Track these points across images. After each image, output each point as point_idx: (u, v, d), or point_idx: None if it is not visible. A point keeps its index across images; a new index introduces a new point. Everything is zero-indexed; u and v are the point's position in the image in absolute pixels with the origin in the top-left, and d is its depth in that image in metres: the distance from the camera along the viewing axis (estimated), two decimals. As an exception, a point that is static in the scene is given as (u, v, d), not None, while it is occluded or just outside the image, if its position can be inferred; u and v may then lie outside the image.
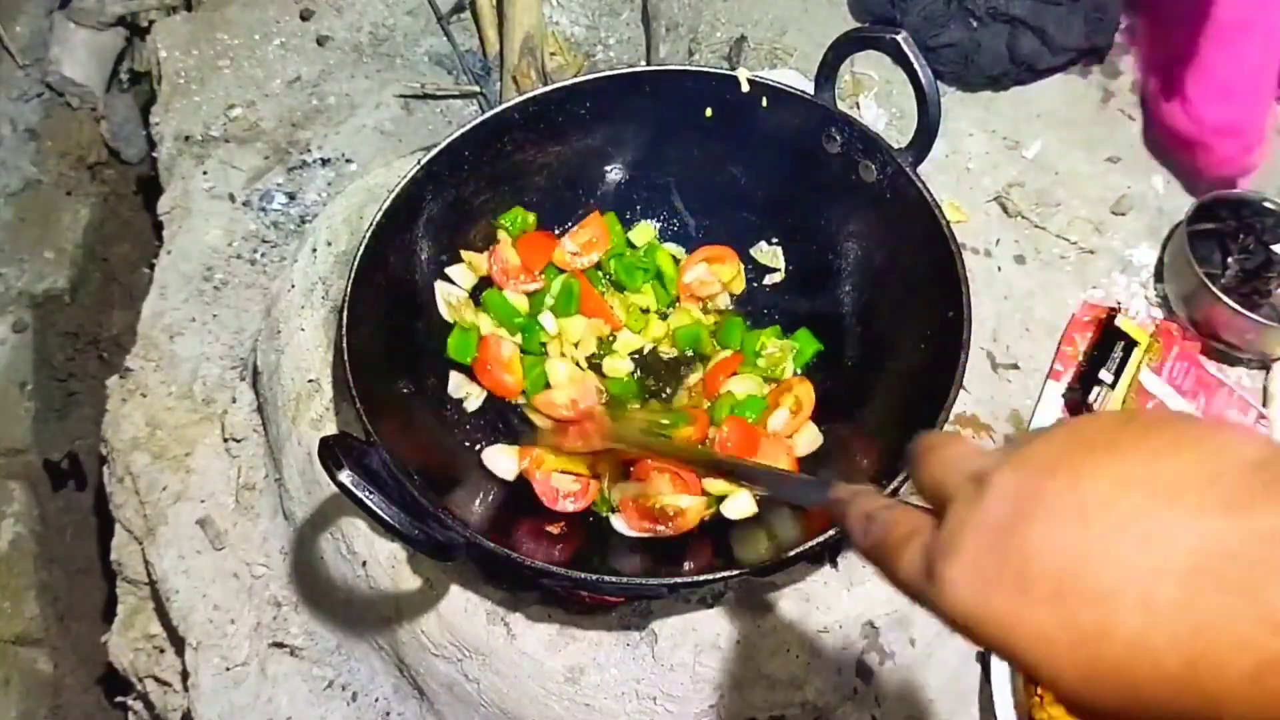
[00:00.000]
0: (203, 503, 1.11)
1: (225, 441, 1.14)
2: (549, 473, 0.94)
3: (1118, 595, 0.34)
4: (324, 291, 1.09)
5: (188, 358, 1.22)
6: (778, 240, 1.13)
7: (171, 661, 1.12)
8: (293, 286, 1.11)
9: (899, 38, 0.91)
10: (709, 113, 1.06)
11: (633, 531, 0.91)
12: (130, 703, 1.18)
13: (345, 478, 0.71)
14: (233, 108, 1.43)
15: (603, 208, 1.12)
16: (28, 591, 1.39)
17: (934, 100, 0.94)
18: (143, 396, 1.19)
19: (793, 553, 0.80)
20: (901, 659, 0.95)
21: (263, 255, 1.30)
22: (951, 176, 1.33)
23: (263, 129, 1.41)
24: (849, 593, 0.94)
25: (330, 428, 1.02)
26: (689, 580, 0.81)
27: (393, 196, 0.96)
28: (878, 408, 0.96)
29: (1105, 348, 1.16)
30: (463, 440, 0.99)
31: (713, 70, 1.05)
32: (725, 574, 0.81)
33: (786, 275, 1.12)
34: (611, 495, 0.94)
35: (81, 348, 1.59)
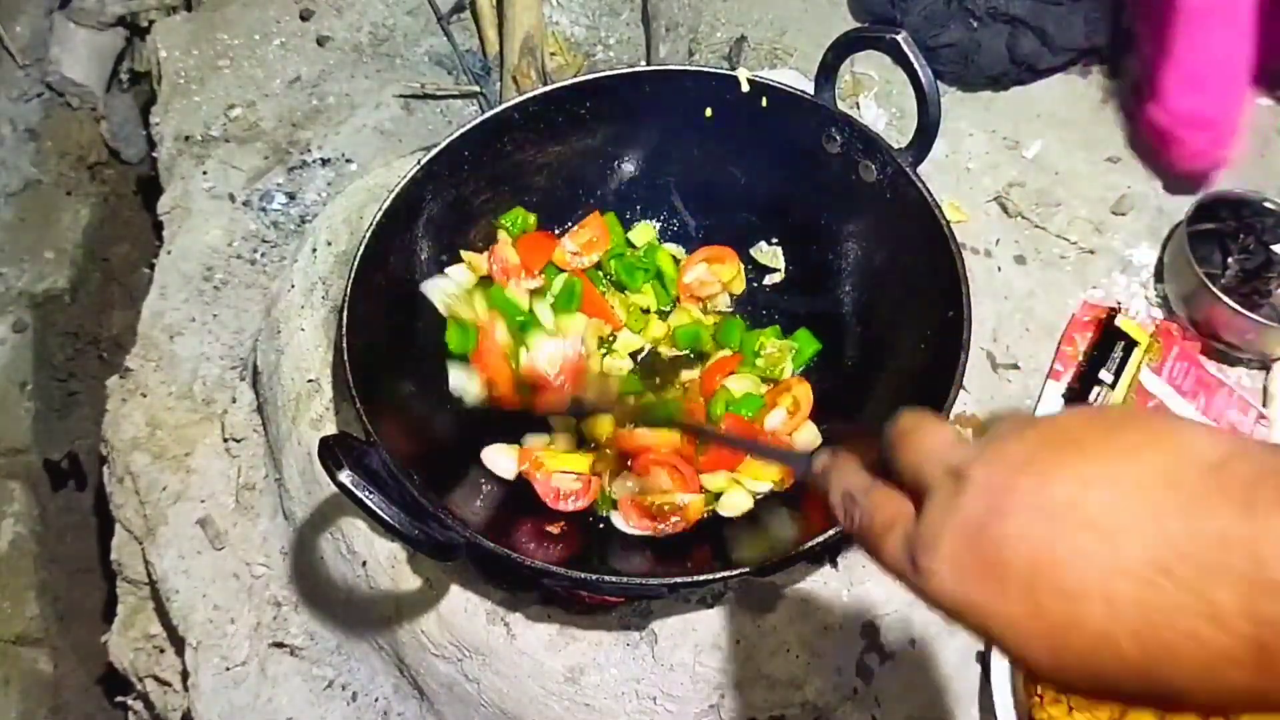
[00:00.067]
0: (203, 503, 1.11)
1: (225, 441, 1.14)
2: (550, 472, 0.94)
3: (1083, 591, 0.38)
4: (324, 291, 1.09)
5: (188, 358, 1.22)
6: (778, 240, 1.13)
7: (171, 661, 1.12)
8: (293, 286, 1.11)
9: (899, 38, 0.91)
10: (709, 113, 1.06)
11: (632, 529, 0.91)
12: (130, 703, 1.18)
13: (345, 478, 0.71)
14: (233, 108, 1.43)
15: (603, 208, 1.12)
16: (28, 591, 1.39)
17: (934, 100, 0.94)
18: (143, 396, 1.19)
19: (793, 553, 0.80)
20: (901, 659, 0.95)
21: (263, 255, 1.30)
22: (951, 176, 1.33)
23: (263, 129, 1.41)
24: (849, 593, 0.94)
25: (330, 428, 1.02)
26: (689, 580, 0.81)
27: (393, 196, 0.96)
28: (877, 408, 0.96)
29: (1105, 348, 1.16)
30: (463, 440, 0.99)
31: (713, 70, 1.05)
32: (725, 574, 0.81)
33: (786, 275, 1.12)
34: (612, 491, 0.94)
35: (81, 348, 1.59)
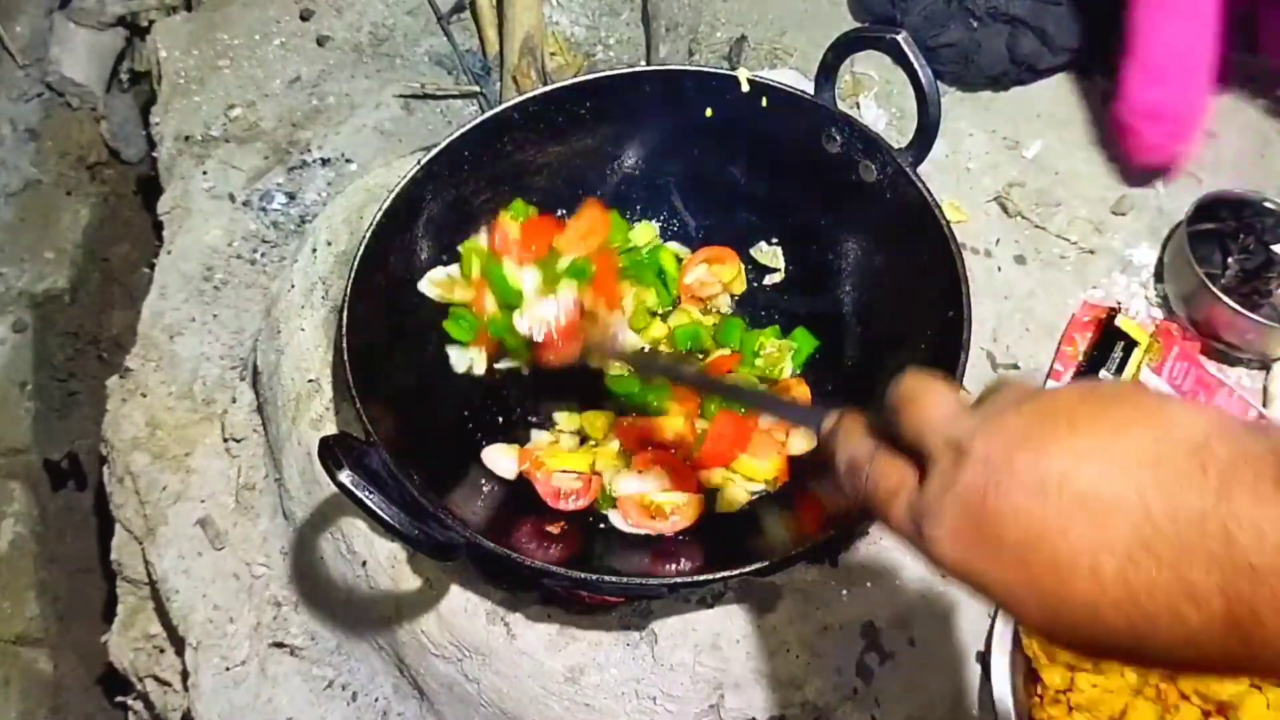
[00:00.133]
0: (203, 503, 1.11)
1: (225, 441, 1.14)
2: (550, 472, 0.94)
3: (1071, 564, 0.40)
4: (324, 291, 1.09)
5: (188, 358, 1.22)
6: (778, 240, 1.13)
7: (171, 661, 1.12)
8: (293, 286, 1.11)
9: (899, 38, 0.91)
10: (709, 113, 1.06)
11: (630, 527, 0.91)
12: (130, 703, 1.18)
13: (345, 478, 0.71)
14: (233, 108, 1.43)
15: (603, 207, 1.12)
16: (28, 591, 1.39)
17: (934, 100, 0.94)
18: (143, 396, 1.19)
19: (793, 553, 0.80)
20: (901, 659, 0.95)
21: (263, 255, 1.30)
22: (951, 176, 1.33)
23: (263, 129, 1.41)
24: (849, 593, 0.94)
25: (330, 428, 1.02)
26: (689, 580, 0.81)
27: (393, 196, 0.96)
28: (878, 408, 0.96)
29: (1105, 348, 1.16)
30: (463, 440, 0.99)
31: (713, 70, 1.05)
32: (725, 574, 0.81)
33: (786, 275, 1.12)
34: (612, 488, 0.94)
35: (81, 348, 1.59)
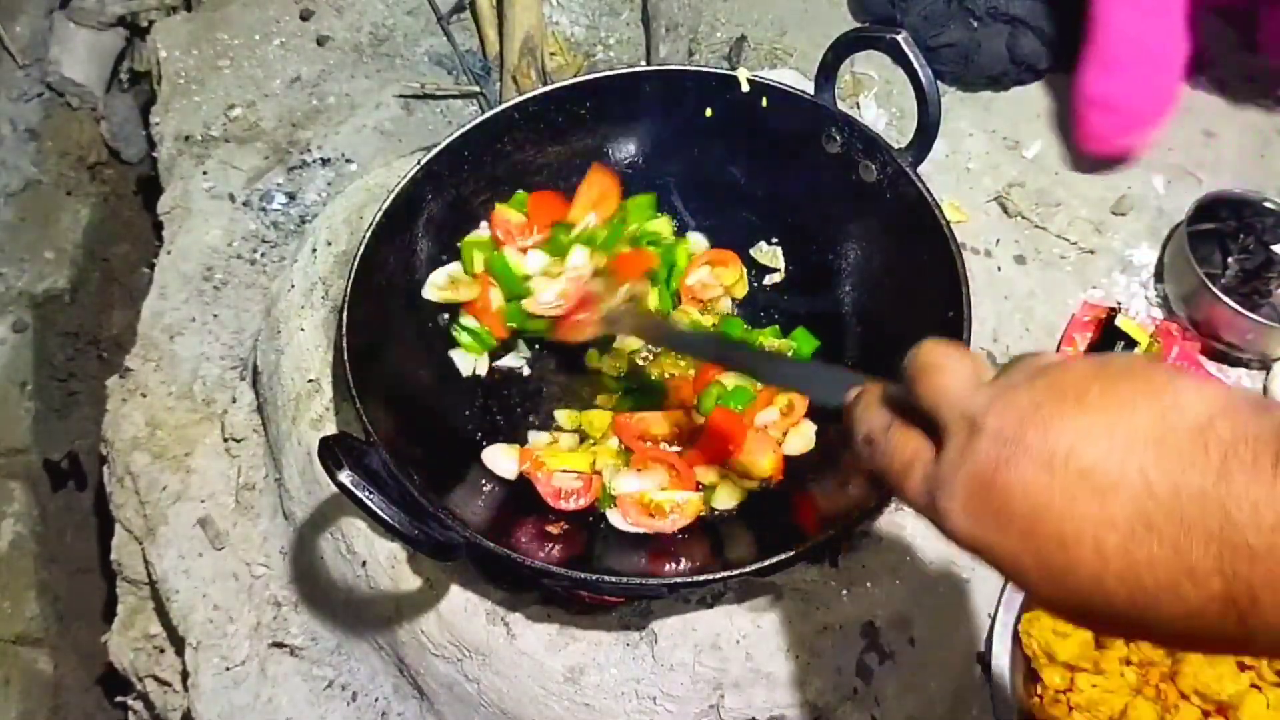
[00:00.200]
0: (203, 503, 1.11)
1: (225, 441, 1.14)
2: (551, 472, 0.94)
3: (1076, 539, 0.41)
4: (324, 291, 1.09)
5: (188, 358, 1.22)
6: (778, 240, 1.13)
7: (171, 661, 1.12)
8: (293, 286, 1.11)
9: (899, 38, 0.92)
10: (709, 113, 1.06)
11: (630, 526, 0.91)
12: (130, 703, 1.18)
13: (345, 478, 0.71)
14: (233, 108, 1.43)
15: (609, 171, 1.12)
16: (28, 591, 1.39)
17: (934, 100, 0.94)
18: (143, 396, 1.19)
19: (793, 553, 0.80)
20: (901, 659, 0.95)
21: (263, 255, 1.30)
22: (951, 176, 1.33)
23: (263, 129, 1.41)
24: (849, 593, 0.94)
25: (330, 428, 1.02)
26: (689, 580, 0.81)
27: (393, 196, 0.96)
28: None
29: (1105, 347, 1.16)
30: (463, 440, 0.99)
31: (713, 70, 1.05)
32: (725, 574, 0.81)
33: (786, 275, 1.12)
34: (611, 486, 0.94)
35: (81, 348, 1.58)
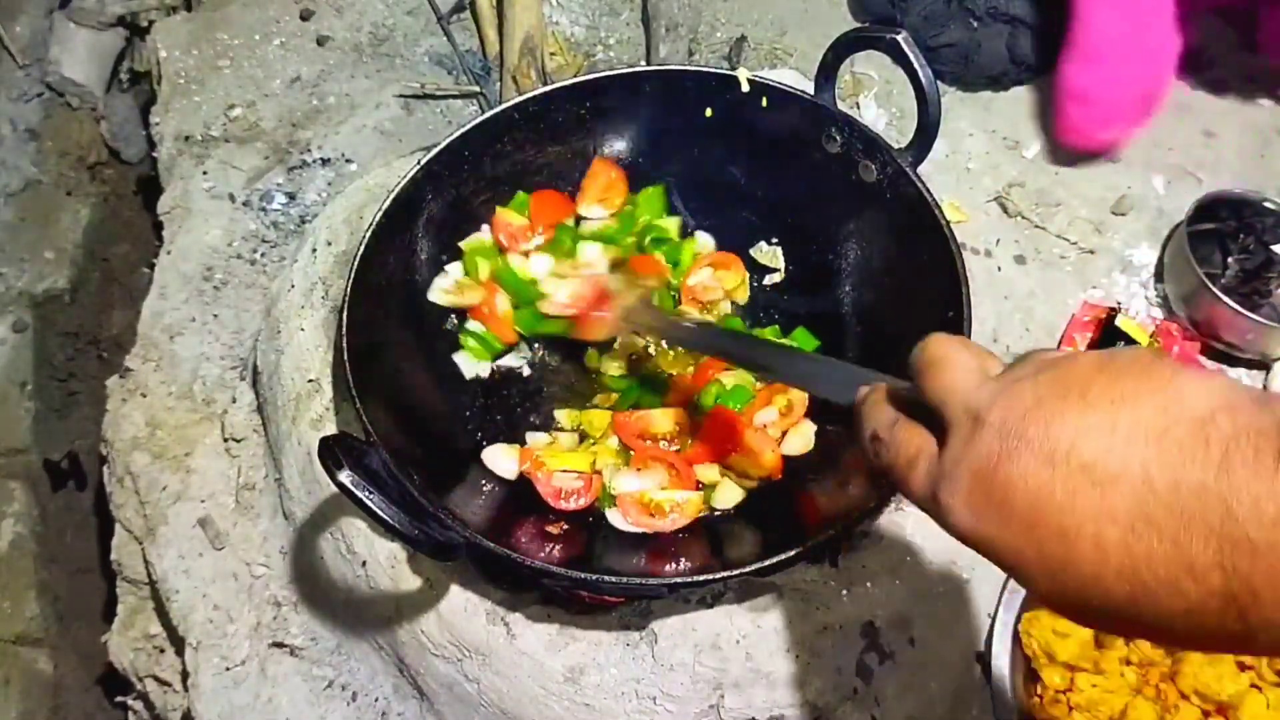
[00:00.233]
0: (203, 503, 1.11)
1: (225, 441, 1.14)
2: (551, 472, 0.94)
3: (1076, 534, 0.40)
4: (324, 291, 1.09)
5: (188, 358, 1.22)
6: (778, 240, 1.13)
7: (171, 661, 1.12)
8: (293, 286, 1.11)
9: (899, 38, 0.92)
10: (709, 113, 1.06)
11: (629, 526, 0.91)
12: (130, 703, 1.18)
13: (345, 478, 0.71)
14: (233, 108, 1.43)
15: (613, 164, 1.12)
16: (28, 591, 1.39)
17: (934, 100, 0.94)
18: (143, 396, 1.19)
19: (793, 553, 0.80)
20: (901, 659, 0.95)
21: (263, 255, 1.30)
22: (951, 176, 1.33)
23: (263, 129, 1.41)
24: (849, 593, 0.94)
25: (330, 428, 1.02)
26: (689, 580, 0.81)
27: (393, 196, 0.96)
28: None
29: (1106, 347, 1.16)
30: (463, 440, 0.99)
31: (713, 70, 1.05)
32: (725, 574, 0.81)
33: (786, 275, 1.12)
34: (611, 485, 0.94)
35: (81, 348, 1.58)
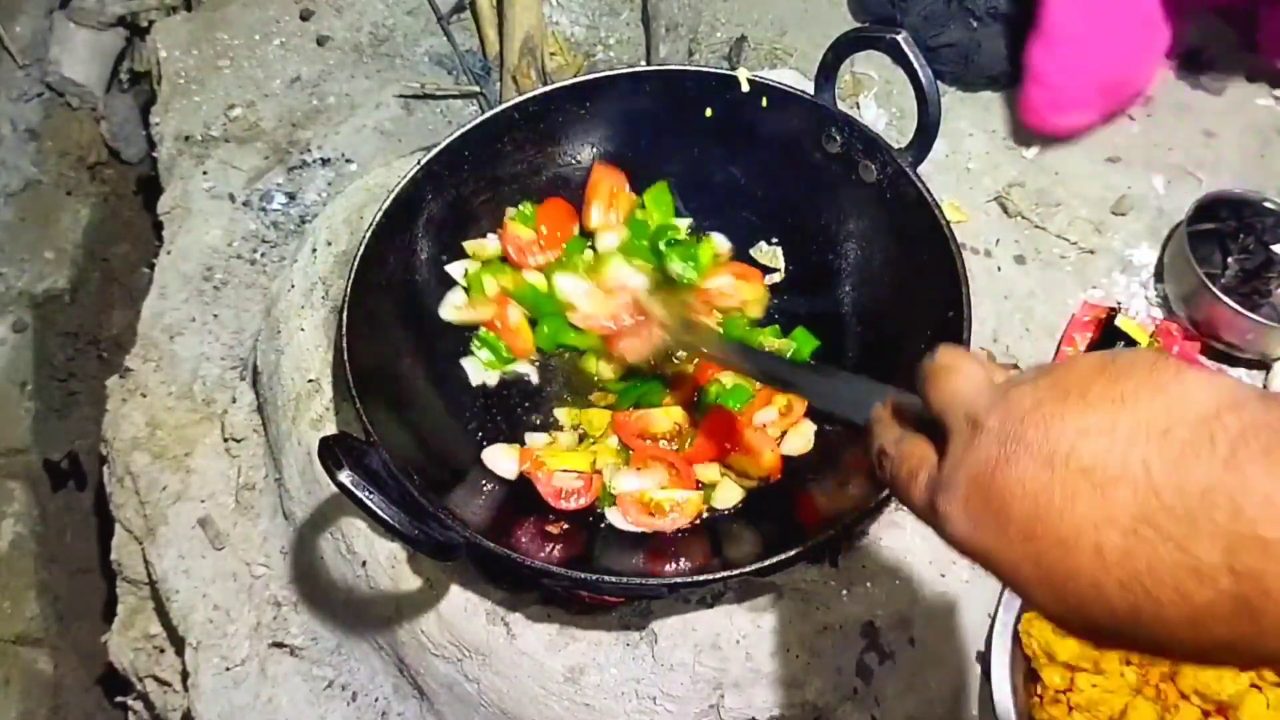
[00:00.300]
0: (203, 503, 1.11)
1: (225, 441, 1.14)
2: (551, 471, 0.94)
3: (1076, 540, 0.38)
4: (324, 291, 1.09)
5: (188, 358, 1.22)
6: (778, 240, 1.13)
7: (171, 661, 1.12)
8: (293, 286, 1.11)
9: (899, 38, 0.92)
10: (709, 113, 1.06)
11: (629, 525, 0.91)
12: (130, 703, 1.18)
13: (345, 478, 0.71)
14: (233, 108, 1.43)
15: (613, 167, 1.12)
16: (28, 591, 1.39)
17: (934, 100, 0.94)
18: (143, 396, 1.19)
19: (793, 553, 0.80)
20: (901, 659, 0.95)
21: (263, 255, 1.30)
22: (951, 176, 1.33)
23: (263, 129, 1.41)
24: (849, 593, 0.94)
25: (330, 428, 1.02)
26: (689, 580, 0.81)
27: (393, 196, 0.96)
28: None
29: (1105, 347, 1.16)
30: (463, 440, 0.99)
31: (713, 70, 1.05)
32: (725, 574, 0.81)
33: (786, 275, 1.12)
34: (611, 485, 0.94)
35: (81, 348, 1.58)
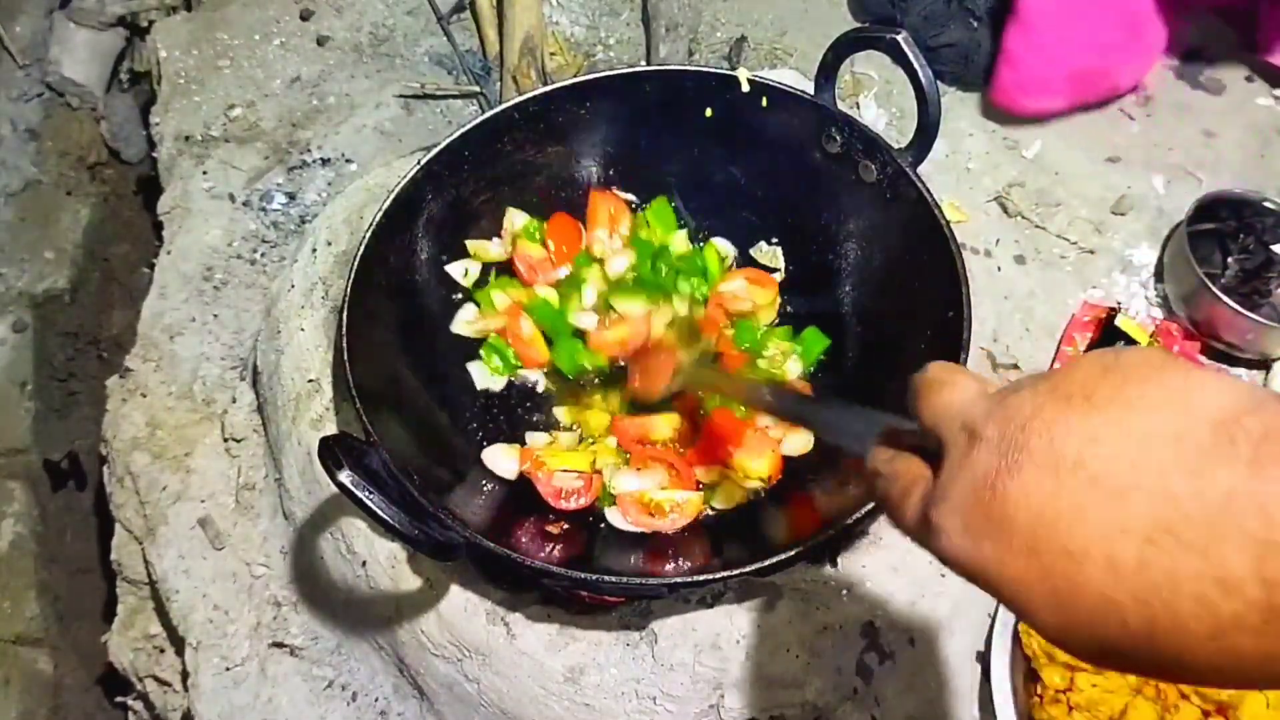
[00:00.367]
0: (203, 503, 1.11)
1: (225, 441, 1.14)
2: (551, 471, 0.94)
3: (1085, 551, 0.36)
4: (324, 291, 1.09)
5: (188, 358, 1.22)
6: (778, 240, 1.13)
7: (171, 661, 1.12)
8: (293, 286, 1.11)
9: (899, 38, 0.92)
10: (709, 113, 1.06)
11: (629, 525, 0.91)
12: (130, 703, 1.18)
13: (345, 478, 0.71)
14: (233, 108, 1.43)
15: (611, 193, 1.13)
16: (28, 591, 1.39)
17: (934, 100, 0.94)
18: (143, 396, 1.19)
19: (793, 553, 0.80)
20: (901, 659, 0.95)
21: (263, 255, 1.30)
22: (951, 176, 1.33)
23: (263, 129, 1.41)
24: (849, 593, 0.94)
25: (330, 428, 1.02)
26: (689, 580, 0.81)
27: (393, 196, 0.96)
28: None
29: (1105, 348, 1.16)
30: (463, 440, 0.99)
31: (713, 70, 1.05)
32: (725, 574, 0.81)
33: (786, 275, 1.12)
34: (611, 485, 0.94)
35: (81, 348, 1.58)
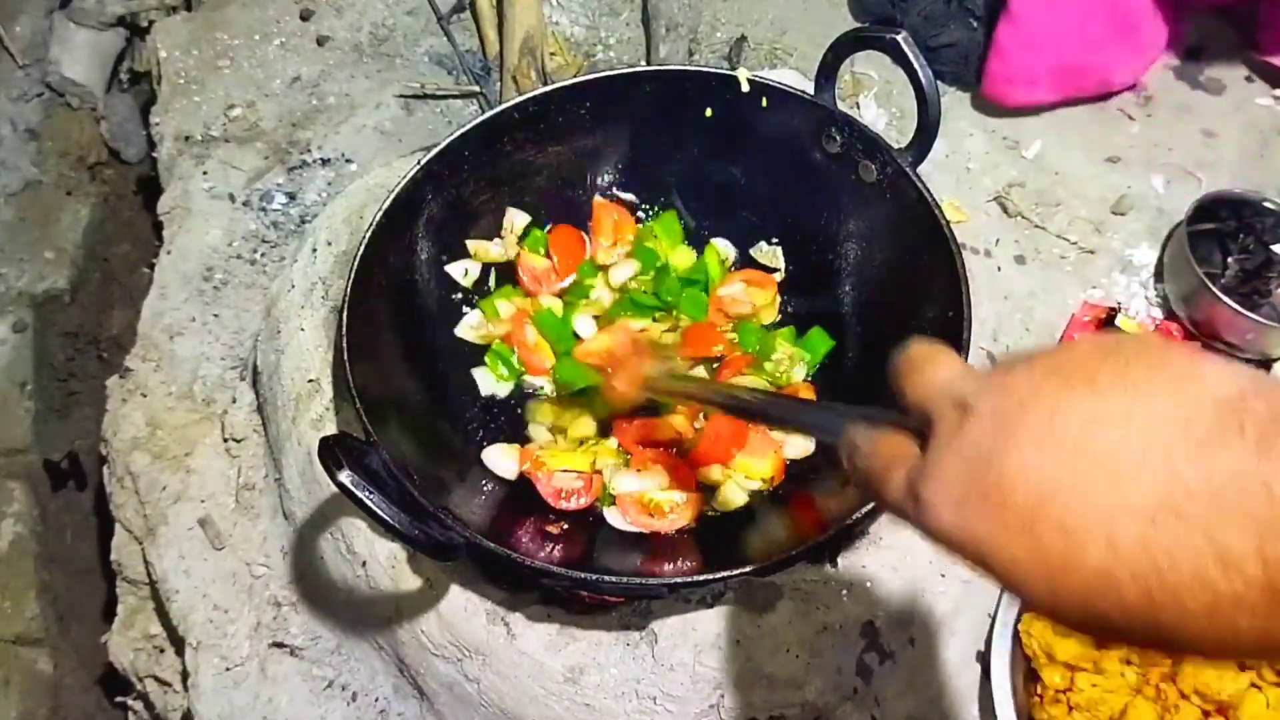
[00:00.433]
0: (203, 503, 1.11)
1: (225, 441, 1.14)
2: (551, 472, 0.94)
3: (1085, 530, 0.36)
4: (324, 291, 1.09)
5: (188, 358, 1.22)
6: (778, 240, 1.13)
7: (171, 661, 1.12)
8: (293, 286, 1.11)
9: (899, 38, 0.92)
10: (709, 113, 1.06)
11: (629, 525, 0.91)
12: (130, 703, 1.18)
13: (345, 478, 0.71)
14: (233, 108, 1.43)
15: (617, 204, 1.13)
16: (28, 591, 1.38)
17: (934, 100, 0.94)
18: (143, 396, 1.19)
19: (793, 553, 0.80)
20: (901, 659, 0.95)
21: (263, 255, 1.30)
22: (951, 176, 1.33)
23: (263, 129, 1.41)
24: (849, 593, 0.94)
25: (330, 428, 1.02)
26: (689, 580, 0.81)
27: (393, 196, 0.96)
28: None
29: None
30: (463, 440, 0.99)
31: (713, 70, 1.05)
32: (725, 574, 0.81)
33: (786, 275, 1.12)
34: (611, 485, 0.94)
35: (81, 348, 1.58)
